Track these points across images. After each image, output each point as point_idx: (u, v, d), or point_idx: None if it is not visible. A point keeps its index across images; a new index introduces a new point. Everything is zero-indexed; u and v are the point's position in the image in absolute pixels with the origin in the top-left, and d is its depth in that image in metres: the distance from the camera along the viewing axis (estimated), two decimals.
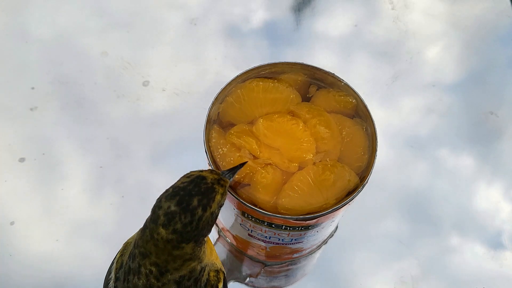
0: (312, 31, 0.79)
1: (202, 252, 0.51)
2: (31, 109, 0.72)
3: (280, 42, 0.77)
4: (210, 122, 0.54)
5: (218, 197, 0.49)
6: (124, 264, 0.52)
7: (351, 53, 0.76)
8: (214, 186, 0.49)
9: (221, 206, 0.50)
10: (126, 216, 0.67)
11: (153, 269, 0.50)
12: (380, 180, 0.66)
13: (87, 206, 0.67)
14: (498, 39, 0.79)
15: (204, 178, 0.49)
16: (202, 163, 0.53)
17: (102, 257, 0.64)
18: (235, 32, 0.78)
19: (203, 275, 0.52)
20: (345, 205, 0.50)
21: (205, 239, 0.51)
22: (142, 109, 0.72)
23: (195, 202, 0.48)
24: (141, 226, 0.48)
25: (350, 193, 0.51)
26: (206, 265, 0.52)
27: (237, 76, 0.55)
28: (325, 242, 0.62)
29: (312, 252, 0.61)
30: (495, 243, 0.67)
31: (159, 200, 0.49)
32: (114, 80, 0.74)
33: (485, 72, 0.77)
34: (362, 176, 0.51)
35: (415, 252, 0.66)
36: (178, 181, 0.49)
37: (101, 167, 0.69)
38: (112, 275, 0.53)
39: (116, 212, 0.67)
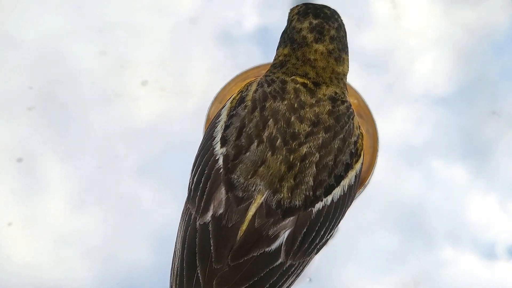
0: None
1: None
2: (29, 109, 0.72)
3: None
4: (210, 121, 0.54)
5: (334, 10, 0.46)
6: (247, 96, 0.45)
7: None
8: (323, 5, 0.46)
9: None
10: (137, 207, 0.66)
11: (306, 81, 0.44)
12: (372, 191, 0.66)
13: (87, 206, 0.67)
14: (495, 46, 0.78)
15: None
16: None
17: (98, 258, 0.64)
18: (235, 32, 0.77)
19: (353, 117, 0.46)
20: None
21: None
22: (141, 108, 0.72)
23: (327, 10, 0.46)
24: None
25: None
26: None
27: (237, 76, 0.55)
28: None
29: None
30: (490, 254, 0.66)
31: (291, 28, 0.45)
32: (112, 79, 0.74)
33: (481, 81, 0.76)
34: (363, 177, 0.51)
35: (409, 264, 0.65)
36: (292, 15, 0.46)
37: (99, 167, 0.69)
38: (223, 116, 0.45)
39: (122, 209, 0.67)
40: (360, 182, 0.50)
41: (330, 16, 0.45)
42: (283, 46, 0.46)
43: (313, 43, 0.44)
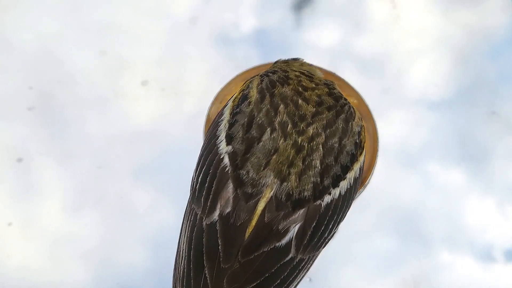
0: (305, 39, 0.78)
1: None
2: (29, 109, 0.72)
3: (287, 39, 0.77)
4: (210, 122, 0.54)
5: None
6: (250, 93, 0.45)
7: (340, 63, 0.75)
8: None
9: None
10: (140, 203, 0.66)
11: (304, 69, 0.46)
12: (370, 193, 0.66)
13: (85, 208, 0.67)
14: (494, 47, 0.78)
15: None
16: None
17: (96, 261, 0.64)
18: (233, 33, 0.77)
19: (349, 106, 0.46)
20: None
21: None
22: (141, 109, 0.72)
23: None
24: None
25: None
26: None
27: (237, 76, 0.55)
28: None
29: None
30: (487, 258, 0.66)
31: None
32: (112, 79, 0.74)
33: (480, 83, 0.76)
34: (364, 177, 0.51)
35: (406, 266, 0.65)
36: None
37: (99, 167, 0.69)
38: (226, 115, 0.45)
39: (120, 211, 0.67)
40: (361, 181, 0.50)
41: None
42: None
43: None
